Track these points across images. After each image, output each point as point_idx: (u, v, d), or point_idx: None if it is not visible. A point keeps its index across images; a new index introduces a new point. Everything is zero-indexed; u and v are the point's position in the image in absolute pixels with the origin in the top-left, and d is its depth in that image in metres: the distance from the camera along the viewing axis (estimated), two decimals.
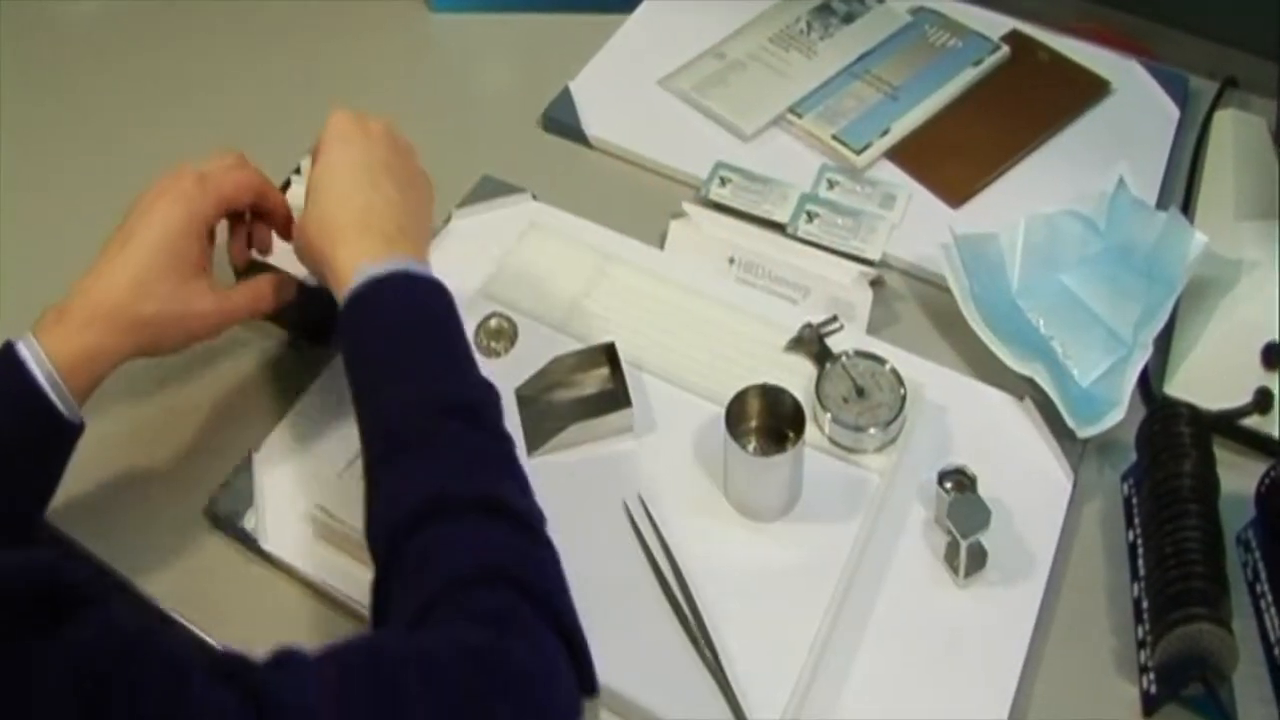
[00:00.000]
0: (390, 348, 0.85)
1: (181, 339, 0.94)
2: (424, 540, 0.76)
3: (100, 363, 0.89)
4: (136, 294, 0.90)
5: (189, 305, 0.92)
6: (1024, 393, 1.04)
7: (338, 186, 0.92)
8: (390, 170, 0.94)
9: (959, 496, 0.94)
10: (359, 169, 0.92)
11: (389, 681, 0.63)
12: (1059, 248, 1.11)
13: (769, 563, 0.94)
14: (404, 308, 0.87)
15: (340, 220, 0.90)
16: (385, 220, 0.90)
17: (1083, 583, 0.95)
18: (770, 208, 1.19)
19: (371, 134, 0.96)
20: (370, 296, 0.85)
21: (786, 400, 0.96)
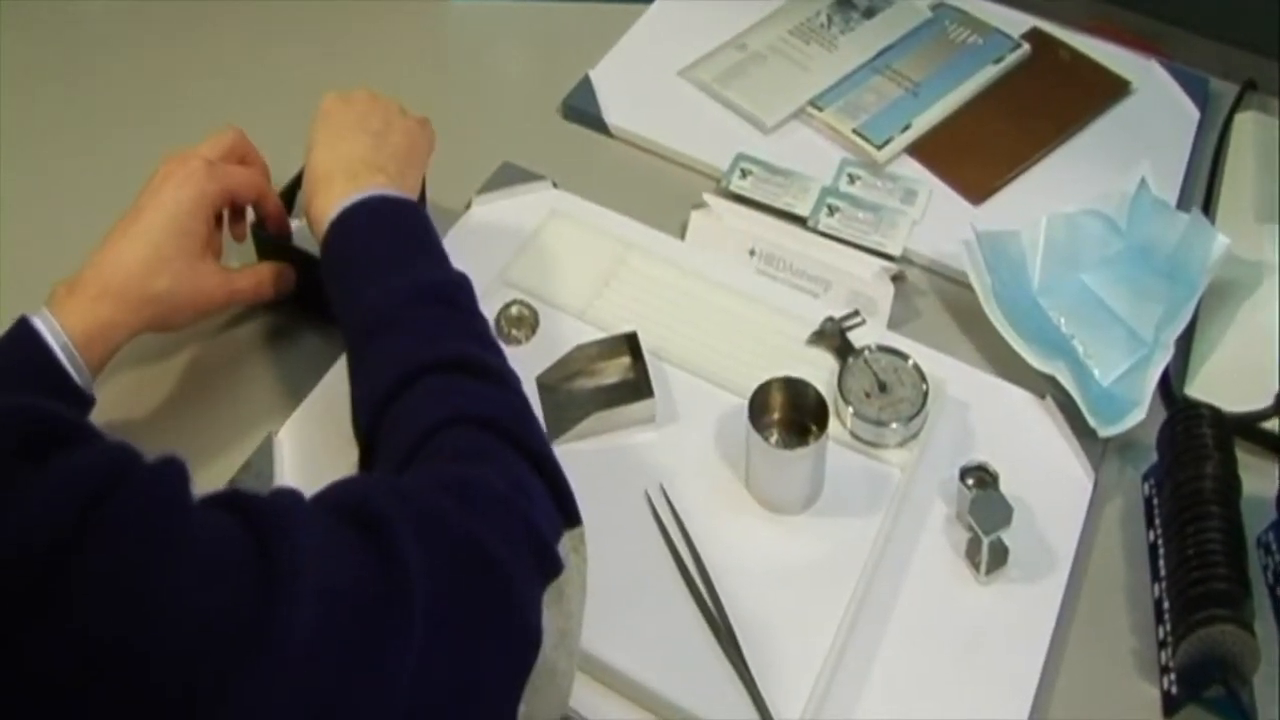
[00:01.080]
0: (363, 254, 0.89)
1: (189, 316, 0.96)
2: (400, 405, 0.79)
3: (112, 336, 0.91)
4: (147, 270, 0.92)
5: (197, 284, 0.95)
6: (1045, 391, 1.03)
7: (317, 149, 0.96)
8: (365, 121, 0.99)
9: (981, 493, 0.93)
10: (335, 130, 0.97)
11: (386, 537, 0.63)
12: (1080, 247, 1.10)
13: (791, 556, 0.93)
14: (375, 223, 0.91)
15: (318, 174, 0.94)
16: (361, 163, 0.94)
17: (1103, 582, 0.94)
18: (791, 200, 1.18)
19: (351, 100, 1.01)
20: (344, 219, 0.90)
21: (810, 393, 0.95)
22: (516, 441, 0.75)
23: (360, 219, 0.90)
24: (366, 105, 1.01)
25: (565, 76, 1.31)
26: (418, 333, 0.83)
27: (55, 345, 0.87)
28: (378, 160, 0.96)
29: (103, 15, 1.43)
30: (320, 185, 0.93)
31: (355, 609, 0.59)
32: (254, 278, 1.02)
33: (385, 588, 0.61)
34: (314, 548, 0.60)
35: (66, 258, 0.92)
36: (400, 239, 0.91)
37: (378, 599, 0.60)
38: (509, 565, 0.67)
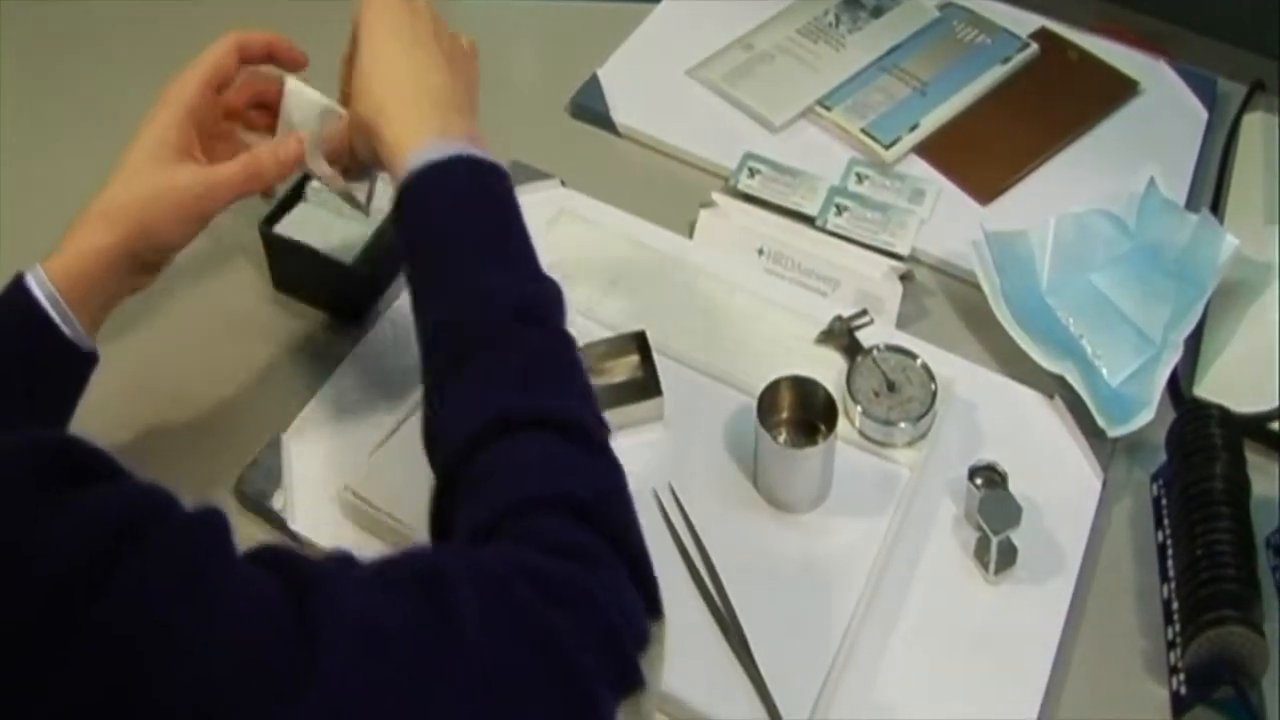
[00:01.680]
0: (455, 234, 0.80)
1: (171, 224, 0.88)
2: (486, 460, 0.71)
3: (92, 263, 0.85)
4: (120, 186, 0.87)
5: (171, 180, 0.88)
6: (1054, 391, 1.02)
7: (385, 57, 0.86)
8: (438, 40, 0.89)
9: (990, 492, 0.93)
10: (405, 38, 0.86)
11: (445, 593, 0.59)
12: (1089, 247, 1.09)
13: (799, 555, 0.93)
14: (470, 195, 0.81)
15: (389, 93, 0.84)
16: (437, 93, 0.84)
17: (1112, 582, 0.94)
18: (799, 200, 1.17)
19: (416, 7, 0.90)
20: (430, 183, 0.80)
21: (819, 392, 0.95)
22: (616, 540, 0.68)
23: (454, 185, 0.81)
24: (432, 19, 0.90)
25: (573, 75, 1.31)
26: (519, 369, 0.74)
27: (41, 296, 0.83)
28: (458, 99, 0.86)
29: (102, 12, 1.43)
30: (393, 109, 0.83)
31: (403, 660, 0.55)
32: (243, 163, 0.91)
33: (437, 638, 0.57)
34: (359, 604, 0.57)
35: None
36: (497, 224, 0.81)
37: (428, 648, 0.56)
38: (586, 673, 0.60)
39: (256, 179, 0.91)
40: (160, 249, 0.89)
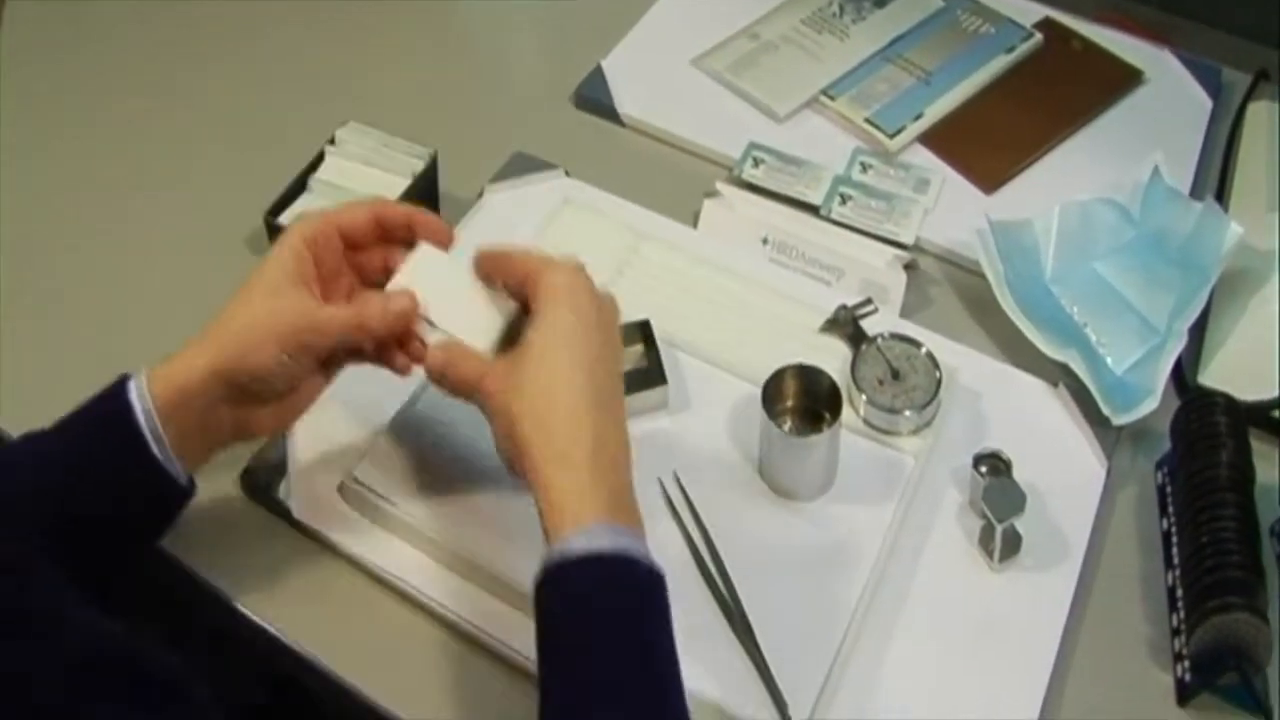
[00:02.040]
0: (601, 658, 0.73)
1: (269, 345, 0.83)
2: None
3: (187, 380, 0.83)
4: (232, 307, 0.85)
5: (277, 305, 0.85)
6: (1058, 379, 1.02)
7: (570, 391, 0.79)
8: (617, 381, 0.84)
9: (994, 480, 0.93)
10: (592, 373, 0.80)
11: None
12: (1093, 235, 1.09)
13: (804, 543, 0.93)
14: (623, 612, 0.75)
15: (567, 439, 0.78)
16: (614, 464, 0.79)
17: (1117, 570, 0.94)
18: (803, 189, 1.17)
19: (602, 305, 0.84)
20: (588, 576, 0.75)
21: (823, 381, 0.95)
22: None
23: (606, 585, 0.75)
24: (616, 342, 0.86)
25: (577, 66, 1.31)
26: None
27: (138, 407, 0.81)
28: (625, 463, 0.81)
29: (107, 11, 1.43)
30: (565, 460, 0.77)
31: None
32: (347, 308, 0.86)
33: None
34: None
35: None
36: (645, 653, 0.75)
37: None
38: None
39: (362, 327, 0.86)
40: (255, 375, 0.84)
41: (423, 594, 0.92)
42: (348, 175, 1.14)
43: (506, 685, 0.88)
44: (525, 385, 0.80)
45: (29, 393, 1.04)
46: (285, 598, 0.93)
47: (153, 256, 1.16)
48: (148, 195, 1.21)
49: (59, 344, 1.08)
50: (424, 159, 1.14)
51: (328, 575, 0.94)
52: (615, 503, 0.77)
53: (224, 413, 0.86)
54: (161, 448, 0.82)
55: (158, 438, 0.82)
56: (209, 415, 0.85)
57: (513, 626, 0.89)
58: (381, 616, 0.92)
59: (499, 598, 0.90)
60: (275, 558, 0.94)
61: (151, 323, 1.10)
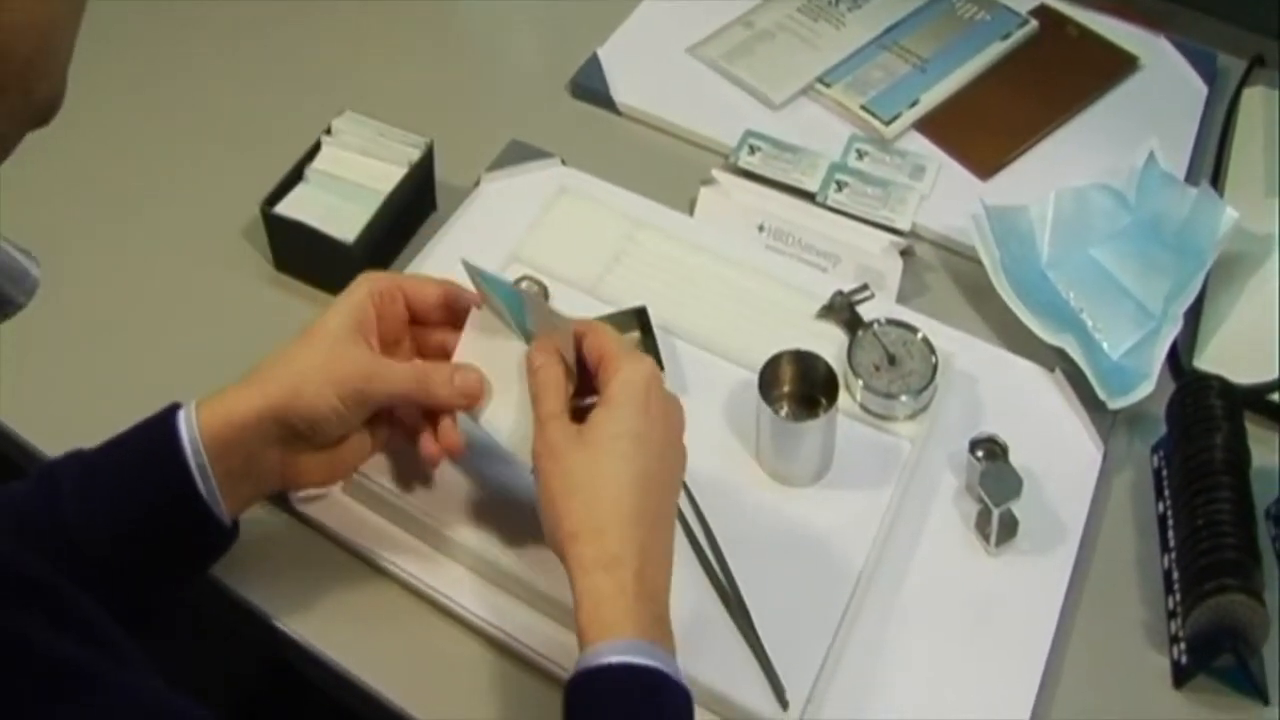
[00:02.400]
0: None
1: (325, 390, 0.83)
2: None
3: (236, 414, 0.82)
4: (292, 349, 0.85)
5: (336, 353, 0.84)
6: (1054, 364, 1.02)
7: (625, 496, 0.77)
8: (671, 496, 0.82)
9: (991, 465, 0.93)
10: (647, 488, 0.79)
11: None
12: (1089, 221, 1.09)
13: (801, 528, 0.93)
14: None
15: (615, 547, 0.76)
16: (656, 577, 0.77)
17: (1113, 553, 0.94)
18: (800, 176, 1.17)
19: (669, 427, 0.83)
20: (620, 685, 0.73)
21: (820, 366, 0.95)
22: None
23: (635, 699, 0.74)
24: (677, 431, 0.84)
25: (573, 55, 1.31)
26: None
27: (185, 438, 0.81)
28: (666, 584, 0.79)
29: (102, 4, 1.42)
30: (612, 564, 0.76)
31: None
32: (409, 367, 0.87)
33: None
34: None
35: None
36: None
37: None
38: None
39: (424, 391, 0.86)
40: (308, 418, 0.84)
41: (427, 585, 0.91)
42: (344, 165, 1.14)
43: (509, 674, 0.89)
44: (578, 473, 0.78)
45: (29, 386, 1.04)
46: (288, 589, 0.93)
47: (149, 247, 1.16)
48: (144, 185, 1.21)
49: (56, 336, 1.08)
50: (420, 148, 1.14)
51: (331, 564, 0.94)
52: (658, 622, 0.76)
53: (273, 455, 0.85)
54: (206, 482, 0.82)
55: (203, 472, 0.81)
56: (259, 456, 0.85)
57: (514, 616, 0.89)
58: (385, 608, 0.92)
59: (507, 591, 0.90)
60: (276, 545, 0.94)
61: (149, 313, 1.11)
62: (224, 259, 1.14)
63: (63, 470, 0.83)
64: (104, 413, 0.87)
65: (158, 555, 0.83)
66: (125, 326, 1.10)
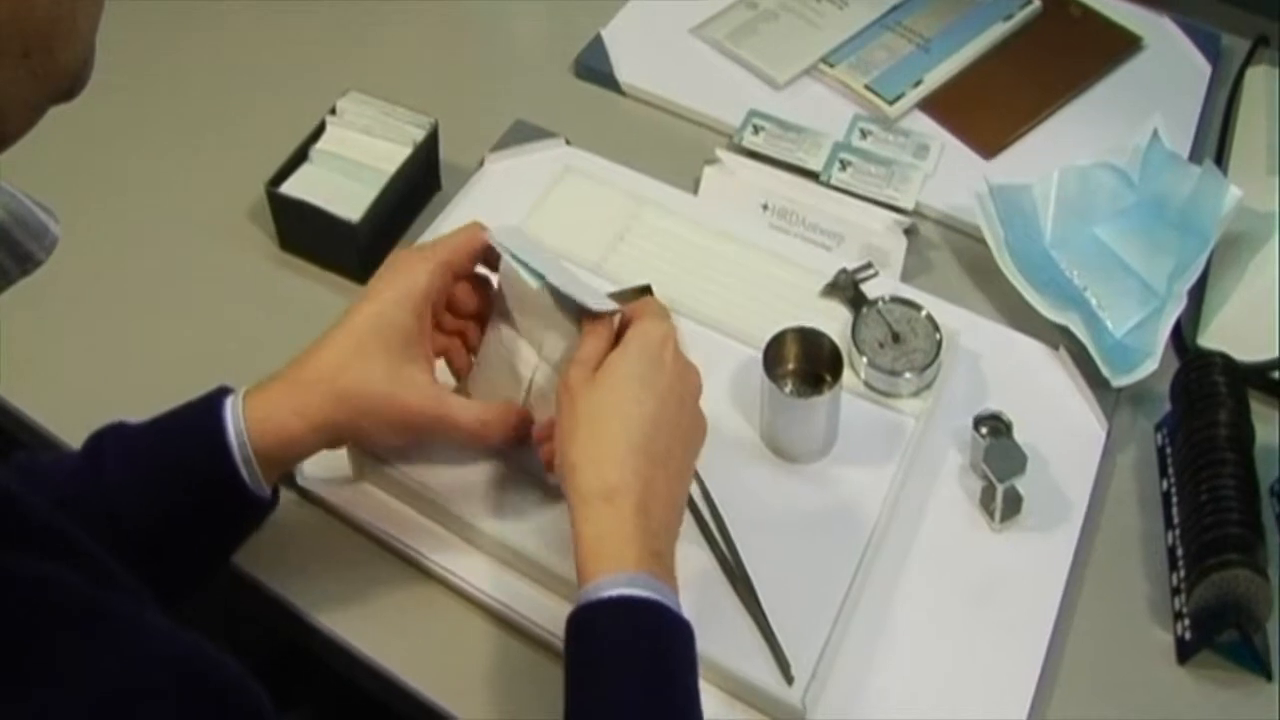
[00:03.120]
0: (626, 704, 0.72)
1: (384, 427, 0.84)
2: None
3: (286, 428, 0.82)
4: (340, 363, 0.83)
5: (394, 391, 0.83)
6: (1058, 342, 1.02)
7: (627, 434, 0.77)
8: (682, 449, 0.81)
9: (995, 441, 0.93)
10: (656, 427, 0.78)
11: None
12: (1092, 200, 1.09)
13: (806, 505, 0.93)
14: (651, 658, 0.73)
15: (615, 477, 0.76)
16: (660, 514, 0.77)
17: (1117, 530, 0.94)
18: (803, 155, 1.17)
19: (683, 386, 0.83)
20: (619, 620, 0.73)
21: (824, 343, 0.94)
22: None
23: (634, 629, 0.74)
24: (691, 395, 0.84)
25: (577, 35, 1.30)
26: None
27: (230, 428, 0.80)
28: (671, 522, 0.79)
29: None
30: (609, 500, 0.75)
31: None
32: (480, 412, 0.86)
33: None
34: None
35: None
36: (665, 691, 0.73)
37: None
38: None
39: (484, 438, 0.87)
40: (364, 443, 0.90)
41: (443, 568, 0.91)
42: (349, 145, 1.13)
43: (526, 657, 0.89)
44: (587, 409, 0.78)
45: (35, 365, 1.04)
46: (301, 572, 0.92)
47: (155, 227, 1.15)
48: (149, 166, 1.20)
49: (62, 316, 1.07)
50: (425, 128, 1.14)
51: (335, 540, 0.94)
52: (657, 558, 0.75)
53: (320, 448, 0.86)
54: (251, 472, 0.82)
55: (249, 465, 0.81)
56: (305, 455, 0.86)
57: (529, 599, 0.89)
58: (400, 591, 0.92)
59: (524, 575, 0.90)
60: (280, 522, 0.94)
61: (155, 293, 1.11)
62: (230, 239, 1.14)
63: (107, 445, 0.83)
64: (109, 389, 0.87)
65: (199, 531, 0.83)
66: (132, 306, 1.09)
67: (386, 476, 0.93)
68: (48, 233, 0.60)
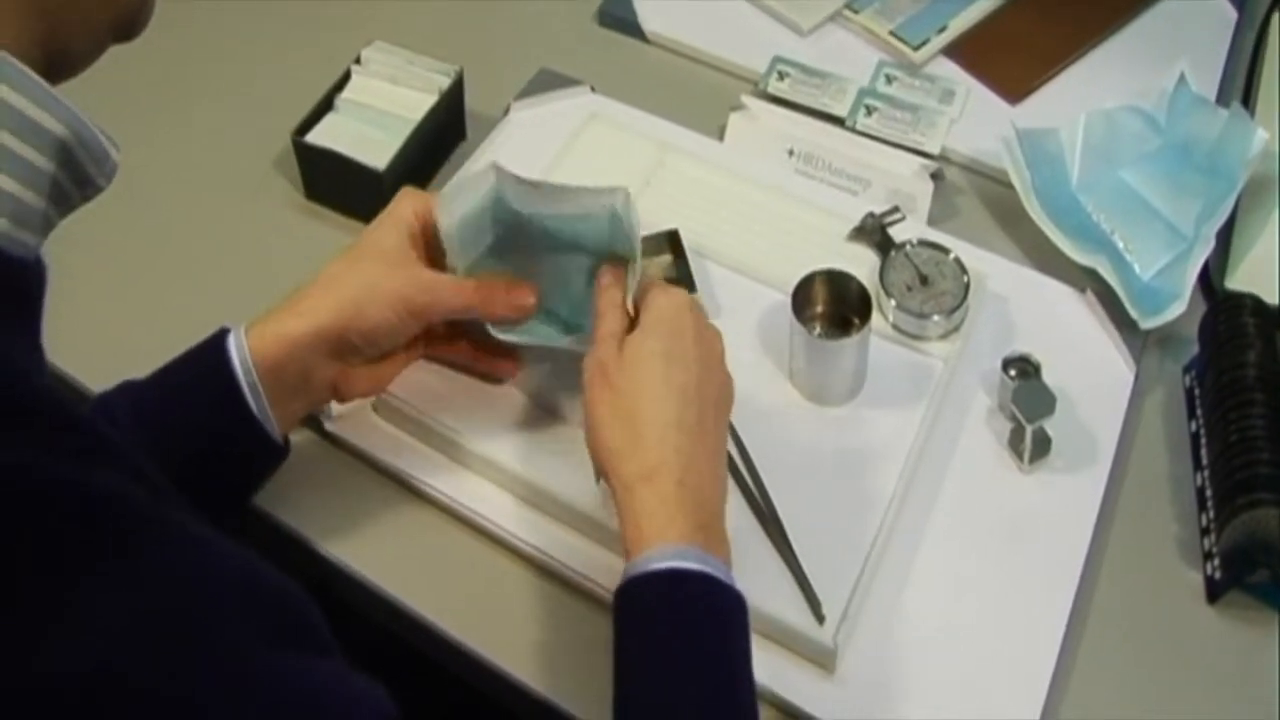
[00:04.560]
0: (678, 676, 0.71)
1: (387, 308, 0.84)
2: None
3: (291, 333, 0.83)
4: (343, 264, 0.86)
5: (397, 271, 0.85)
6: (1085, 285, 1.01)
7: (661, 410, 0.77)
8: (714, 412, 0.80)
9: (1024, 383, 0.92)
10: (684, 397, 0.78)
11: None
12: (1119, 144, 1.08)
13: (835, 447, 0.92)
14: (703, 629, 0.72)
15: (654, 458, 0.75)
16: (702, 486, 0.76)
17: (1145, 472, 0.93)
18: (829, 101, 1.15)
19: (705, 352, 0.82)
20: (669, 591, 0.72)
21: (853, 285, 0.94)
22: None
23: (688, 601, 0.72)
24: (716, 358, 0.83)
25: None
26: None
27: (235, 356, 0.81)
28: (717, 492, 0.78)
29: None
30: (652, 477, 0.75)
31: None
32: (474, 289, 0.87)
33: None
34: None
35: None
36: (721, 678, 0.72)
37: None
38: None
39: (486, 303, 0.87)
40: (366, 334, 0.85)
41: (463, 505, 0.91)
42: (374, 94, 1.12)
43: (547, 592, 0.88)
44: (620, 393, 0.78)
45: (59, 318, 1.03)
46: (322, 511, 0.92)
47: (181, 178, 1.14)
48: (175, 117, 1.19)
49: (88, 268, 1.07)
50: (450, 76, 1.13)
51: (366, 489, 0.93)
52: (703, 530, 0.74)
53: (326, 369, 0.86)
54: (258, 400, 0.82)
55: (255, 391, 0.81)
56: (311, 371, 0.85)
57: (550, 534, 0.89)
58: (420, 528, 0.92)
59: (540, 509, 0.90)
60: (310, 467, 0.94)
61: (182, 244, 1.10)
62: (256, 189, 1.13)
63: (115, 400, 0.83)
64: (138, 341, 0.86)
65: (211, 476, 0.82)
66: (159, 257, 1.09)
67: (407, 417, 0.93)
68: (108, 158, 0.60)
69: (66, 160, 0.57)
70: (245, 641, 0.51)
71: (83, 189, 0.60)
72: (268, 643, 0.52)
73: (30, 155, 0.55)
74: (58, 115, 0.56)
